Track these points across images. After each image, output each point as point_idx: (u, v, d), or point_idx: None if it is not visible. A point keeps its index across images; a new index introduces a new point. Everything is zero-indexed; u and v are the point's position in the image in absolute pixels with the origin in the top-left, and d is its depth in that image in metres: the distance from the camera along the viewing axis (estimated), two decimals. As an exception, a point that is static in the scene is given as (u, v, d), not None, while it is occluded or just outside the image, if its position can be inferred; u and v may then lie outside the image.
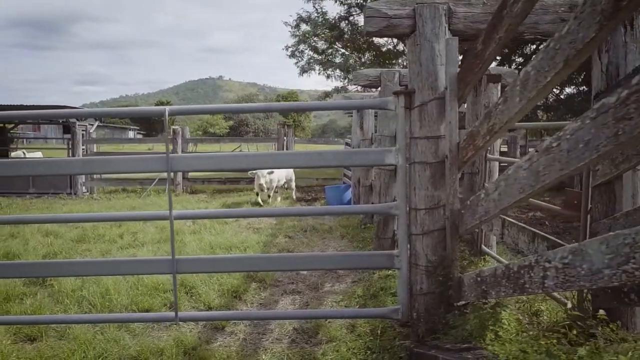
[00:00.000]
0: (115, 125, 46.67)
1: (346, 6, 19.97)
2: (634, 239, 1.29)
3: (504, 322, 2.30)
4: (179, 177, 13.02)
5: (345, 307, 4.19)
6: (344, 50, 21.73)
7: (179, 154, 2.84)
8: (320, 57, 21.42)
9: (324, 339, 3.54)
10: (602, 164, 2.69)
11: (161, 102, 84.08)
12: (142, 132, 56.87)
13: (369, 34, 2.87)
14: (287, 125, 14.20)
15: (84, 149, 12.84)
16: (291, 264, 3.03)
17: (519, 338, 2.19)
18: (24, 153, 16.10)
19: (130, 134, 49.60)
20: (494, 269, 2.25)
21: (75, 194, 12.53)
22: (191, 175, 13.61)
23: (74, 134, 12.40)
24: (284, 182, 11.37)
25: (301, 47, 21.35)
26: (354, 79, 5.41)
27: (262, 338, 3.65)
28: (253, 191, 11.21)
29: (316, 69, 21.15)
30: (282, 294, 4.70)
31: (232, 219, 8.37)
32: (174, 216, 2.90)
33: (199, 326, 3.81)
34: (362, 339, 3.42)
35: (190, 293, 4.49)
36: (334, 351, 3.31)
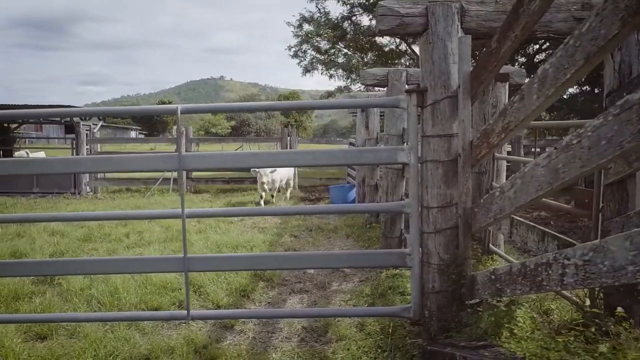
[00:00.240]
0: (117, 126, 46.72)
1: (349, 6, 19.98)
2: (659, 236, 1.29)
3: (519, 320, 2.30)
4: (183, 176, 13.01)
5: (354, 306, 4.19)
6: (346, 50, 21.75)
7: (191, 153, 2.84)
8: (322, 57, 21.44)
9: (333, 337, 3.54)
10: (616, 162, 2.69)
11: (163, 102, 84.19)
12: (144, 132, 56.95)
13: (381, 32, 2.87)
14: (290, 124, 14.20)
15: (87, 148, 12.84)
16: (304, 262, 3.03)
17: (534, 336, 2.18)
18: (27, 153, 16.11)
19: (132, 133, 49.62)
20: (509, 266, 2.25)
21: (79, 193, 12.54)
22: (195, 174, 13.62)
23: (78, 133, 12.41)
24: (286, 181, 11.36)
25: (304, 47, 21.37)
26: (361, 78, 5.41)
27: (272, 337, 3.65)
28: (257, 191, 11.20)
29: (319, 68, 21.16)
30: (289, 292, 4.71)
31: (237, 219, 8.38)
32: (185, 214, 2.91)
33: (207, 325, 3.81)
34: (372, 338, 3.42)
35: (199, 292, 4.49)
36: (344, 350, 3.31)
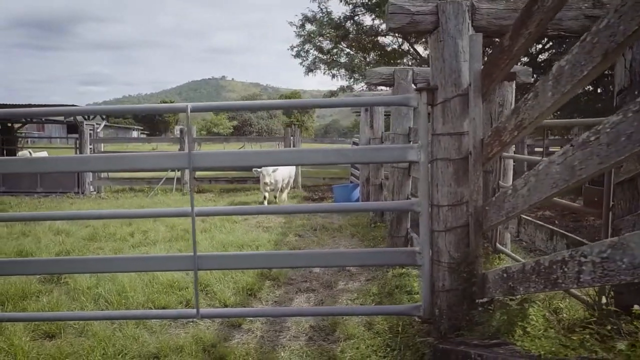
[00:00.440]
0: (119, 125, 46.79)
1: (351, 5, 19.97)
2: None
3: (532, 318, 2.30)
4: (187, 176, 13.03)
5: (361, 305, 4.19)
6: (349, 50, 21.73)
7: (201, 151, 2.84)
8: (325, 56, 21.44)
9: (341, 336, 3.53)
10: (627, 160, 2.68)
11: (165, 102, 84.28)
12: (146, 132, 57.01)
13: (391, 30, 2.87)
14: (294, 124, 14.22)
15: (91, 148, 12.86)
16: (314, 260, 3.03)
17: (547, 334, 2.18)
18: (30, 153, 16.13)
19: (134, 133, 49.67)
20: (522, 264, 2.24)
21: (82, 193, 12.56)
22: (198, 174, 13.63)
23: (81, 133, 12.42)
24: (287, 181, 11.32)
25: (306, 46, 21.36)
26: (367, 76, 5.40)
27: (280, 335, 3.65)
28: (261, 191, 11.19)
29: (321, 68, 21.16)
30: (296, 291, 4.70)
31: (241, 218, 8.38)
32: (195, 213, 2.91)
33: (215, 324, 3.81)
34: (380, 337, 3.41)
35: (206, 291, 4.49)
36: (353, 348, 3.30)
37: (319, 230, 7.63)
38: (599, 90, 14.60)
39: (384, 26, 20.45)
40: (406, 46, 21.13)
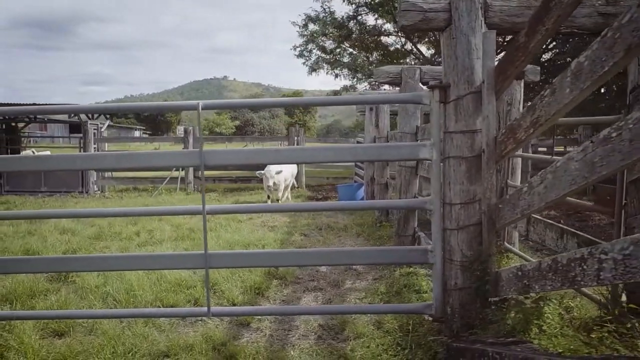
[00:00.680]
0: (121, 125, 46.85)
1: (354, 5, 19.95)
2: None
3: (548, 316, 2.28)
4: (190, 175, 13.04)
5: (369, 304, 4.18)
6: (351, 50, 21.73)
7: (212, 149, 2.83)
8: (328, 56, 21.44)
9: (351, 335, 3.52)
10: (640, 158, 2.66)
11: (166, 101, 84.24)
12: (148, 132, 57.06)
13: (403, 28, 2.85)
14: (297, 124, 14.22)
15: (95, 147, 12.87)
16: (325, 258, 3.02)
17: (565, 332, 2.16)
18: (33, 152, 16.15)
19: (136, 133, 49.71)
20: (537, 262, 2.23)
21: (86, 192, 12.57)
22: (202, 174, 13.63)
23: (85, 132, 12.43)
24: (290, 181, 11.31)
25: (309, 46, 21.36)
26: (374, 75, 5.39)
27: (289, 334, 3.64)
28: (265, 192, 11.18)
29: (324, 68, 21.16)
30: (303, 291, 4.69)
31: (246, 217, 8.38)
32: (206, 211, 2.90)
33: (224, 322, 3.80)
34: (390, 335, 3.40)
35: (214, 290, 4.49)
36: (363, 347, 3.29)
37: (324, 230, 7.62)
38: (602, 90, 14.57)
39: (387, 26, 20.46)
40: (409, 46, 21.12)
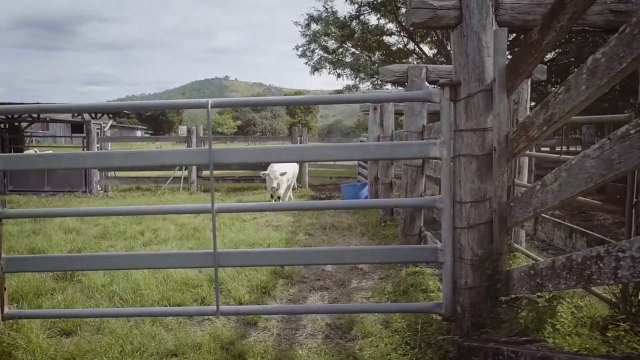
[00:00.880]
0: (123, 125, 46.89)
1: (356, 5, 19.97)
2: None
3: (562, 315, 2.27)
4: (194, 175, 13.04)
5: (376, 303, 4.16)
6: (354, 50, 21.74)
7: (222, 147, 2.82)
8: (330, 56, 21.46)
9: (358, 334, 3.51)
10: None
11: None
12: (150, 132, 57.11)
13: (414, 25, 2.84)
14: (301, 123, 14.22)
15: (98, 147, 12.87)
16: (336, 257, 3.00)
17: (580, 331, 2.15)
18: (35, 152, 16.16)
19: (138, 133, 49.75)
20: (551, 261, 2.21)
21: (90, 192, 12.57)
22: (205, 173, 13.63)
23: (89, 132, 12.43)
24: (292, 181, 11.27)
25: (312, 46, 21.38)
26: (380, 74, 5.38)
27: (296, 333, 3.63)
28: (268, 192, 11.15)
29: (327, 67, 21.18)
30: (310, 290, 4.68)
31: (250, 217, 8.37)
32: (215, 209, 2.89)
33: (231, 321, 3.79)
34: (398, 335, 3.38)
35: (220, 289, 4.47)
36: (371, 346, 3.28)
37: (328, 229, 7.61)
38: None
39: (389, 25, 20.47)
40: (411, 45, 21.13)
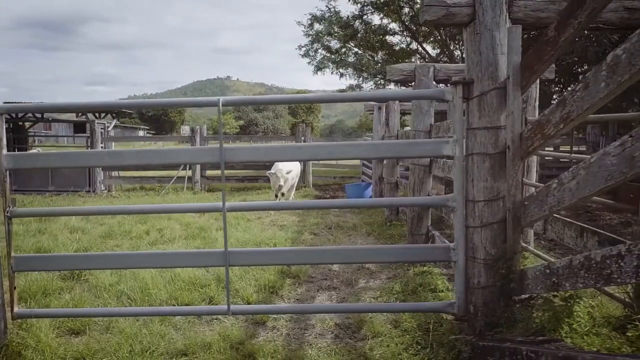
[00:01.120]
0: (125, 125, 46.94)
1: (359, 5, 19.94)
2: None
3: (579, 314, 2.25)
4: (197, 175, 13.03)
5: (385, 302, 4.14)
6: (357, 49, 21.71)
7: (233, 145, 2.81)
8: (333, 56, 21.43)
9: (368, 334, 3.49)
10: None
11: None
12: (152, 132, 57.16)
13: (426, 22, 2.82)
14: (304, 123, 14.20)
15: (102, 146, 12.87)
16: (349, 256, 2.99)
17: (598, 331, 2.13)
18: (39, 152, 16.16)
19: (140, 133, 49.79)
20: (568, 260, 2.19)
21: (94, 191, 12.57)
22: (209, 173, 13.62)
23: (93, 131, 12.44)
24: (296, 180, 11.23)
25: (315, 46, 21.36)
26: (387, 73, 5.36)
27: (305, 333, 3.61)
28: (273, 191, 11.11)
29: (330, 67, 21.16)
30: (317, 289, 4.66)
31: (255, 216, 8.36)
32: (226, 208, 2.87)
33: (239, 321, 3.77)
34: (409, 334, 3.36)
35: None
36: (381, 346, 3.26)
37: (333, 229, 7.59)
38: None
39: (392, 25, 20.44)
40: (414, 45, 21.09)
